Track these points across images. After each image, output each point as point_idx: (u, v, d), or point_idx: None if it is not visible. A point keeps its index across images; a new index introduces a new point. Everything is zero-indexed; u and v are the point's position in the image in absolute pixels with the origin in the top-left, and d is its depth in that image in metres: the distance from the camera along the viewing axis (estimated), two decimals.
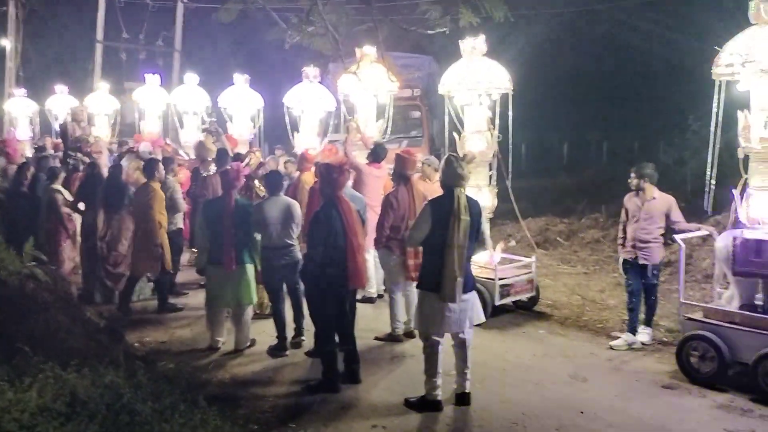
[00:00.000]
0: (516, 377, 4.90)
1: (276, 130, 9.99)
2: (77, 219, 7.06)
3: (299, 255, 5.38)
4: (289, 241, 5.36)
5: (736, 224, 4.82)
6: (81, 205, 6.91)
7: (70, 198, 7.01)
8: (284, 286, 5.54)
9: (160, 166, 6.69)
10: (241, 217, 5.37)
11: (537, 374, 4.95)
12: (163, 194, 6.46)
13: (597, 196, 11.26)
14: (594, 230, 9.64)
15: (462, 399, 4.38)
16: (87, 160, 7.90)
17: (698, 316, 4.91)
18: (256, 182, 6.52)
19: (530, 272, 6.48)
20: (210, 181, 7.42)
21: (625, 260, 5.58)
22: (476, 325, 4.57)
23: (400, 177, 5.64)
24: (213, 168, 7.68)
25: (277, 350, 5.40)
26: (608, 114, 16.45)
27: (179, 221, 7.04)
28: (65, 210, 6.95)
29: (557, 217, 10.42)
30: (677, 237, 5.15)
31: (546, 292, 7.07)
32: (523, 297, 6.46)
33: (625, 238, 5.57)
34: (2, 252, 5.88)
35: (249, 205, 5.51)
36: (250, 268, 5.47)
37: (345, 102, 7.87)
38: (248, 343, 5.53)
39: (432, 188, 5.90)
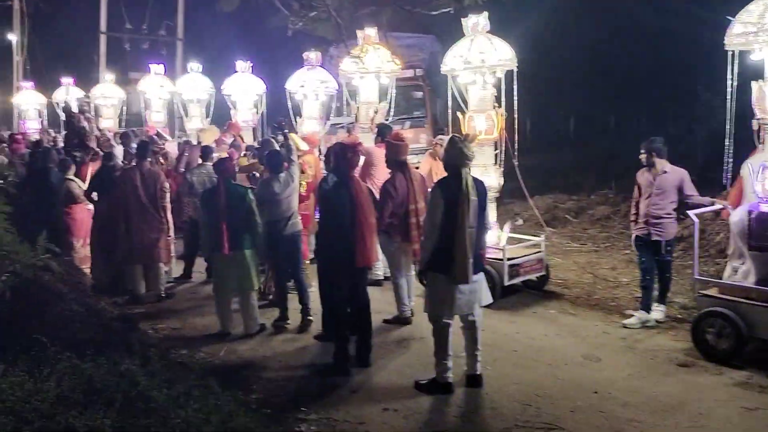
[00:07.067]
0: (528, 358, 4.87)
1: (279, 115, 9.96)
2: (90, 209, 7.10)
3: (300, 226, 5.63)
4: (289, 213, 5.53)
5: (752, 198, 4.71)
6: (94, 195, 6.95)
7: (84, 187, 7.06)
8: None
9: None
10: (236, 203, 5.38)
11: (549, 355, 4.92)
12: None
13: (605, 171, 11.08)
14: (604, 206, 9.51)
15: (473, 381, 4.36)
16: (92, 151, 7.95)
17: (714, 292, 4.83)
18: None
19: (539, 251, 6.41)
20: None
21: (637, 237, 5.49)
22: (485, 306, 4.53)
23: (394, 163, 5.58)
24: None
25: (280, 321, 5.59)
26: (613, 86, 16.08)
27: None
28: (81, 199, 6.99)
29: (565, 194, 10.29)
30: (690, 212, 5.05)
31: (556, 271, 7.00)
32: (533, 277, 6.40)
33: (637, 214, 5.48)
34: (16, 245, 5.91)
35: (244, 191, 5.52)
36: (250, 254, 5.50)
37: (347, 85, 7.79)
38: (257, 328, 5.57)
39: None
